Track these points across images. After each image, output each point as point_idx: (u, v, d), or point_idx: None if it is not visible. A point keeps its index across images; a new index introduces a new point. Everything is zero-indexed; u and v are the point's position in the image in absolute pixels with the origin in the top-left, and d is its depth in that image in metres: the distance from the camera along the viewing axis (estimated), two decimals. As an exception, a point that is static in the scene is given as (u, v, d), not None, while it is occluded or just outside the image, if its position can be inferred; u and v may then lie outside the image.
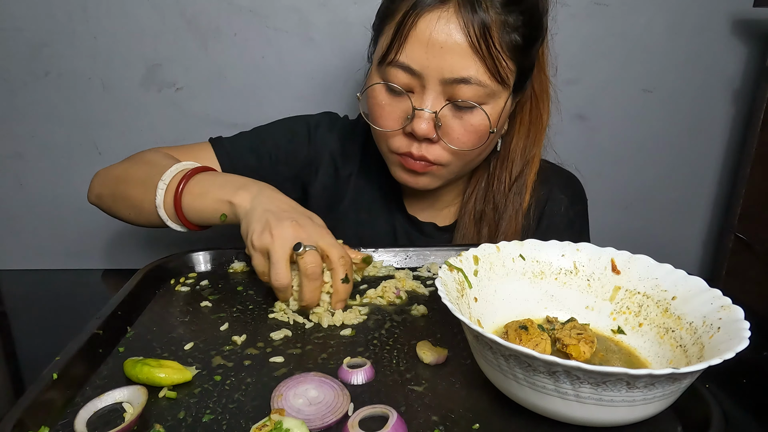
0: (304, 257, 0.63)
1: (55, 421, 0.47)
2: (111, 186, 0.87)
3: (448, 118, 0.77)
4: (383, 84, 0.78)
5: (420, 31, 0.73)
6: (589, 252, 0.62)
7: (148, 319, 0.64)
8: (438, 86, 0.75)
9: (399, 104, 0.78)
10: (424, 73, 0.74)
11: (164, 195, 0.77)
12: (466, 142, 0.79)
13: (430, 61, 0.73)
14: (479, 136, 0.79)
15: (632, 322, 0.58)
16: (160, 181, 0.77)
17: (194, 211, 0.76)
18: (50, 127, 1.31)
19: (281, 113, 1.07)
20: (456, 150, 0.79)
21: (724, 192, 1.53)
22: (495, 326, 0.59)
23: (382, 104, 0.79)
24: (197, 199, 0.75)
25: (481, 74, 0.74)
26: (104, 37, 1.25)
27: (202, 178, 0.77)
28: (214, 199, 0.73)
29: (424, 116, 0.76)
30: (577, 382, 0.41)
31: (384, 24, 0.79)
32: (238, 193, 0.72)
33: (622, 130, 1.44)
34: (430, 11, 0.72)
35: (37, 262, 1.42)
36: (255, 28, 1.27)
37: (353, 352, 0.58)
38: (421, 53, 0.73)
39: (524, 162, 0.91)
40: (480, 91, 0.75)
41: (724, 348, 0.44)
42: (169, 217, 0.77)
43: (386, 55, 0.76)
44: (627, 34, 1.35)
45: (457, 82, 0.74)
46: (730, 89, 1.43)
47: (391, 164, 0.86)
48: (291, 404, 0.48)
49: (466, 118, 0.77)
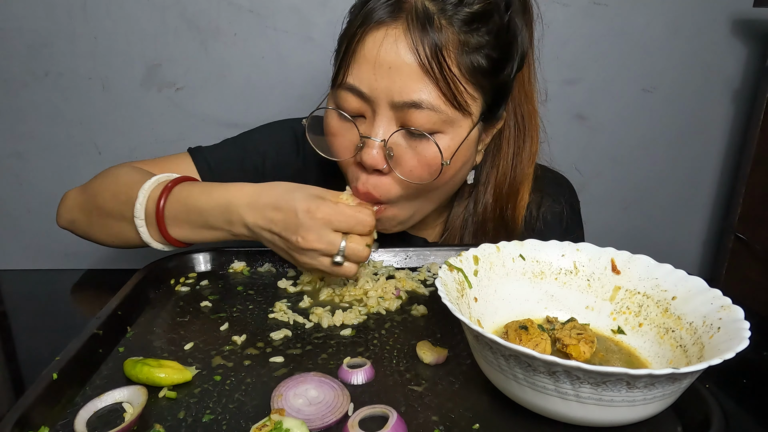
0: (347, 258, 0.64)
1: (55, 421, 0.47)
2: (84, 211, 0.80)
3: (401, 147, 0.70)
4: (333, 110, 0.72)
5: (367, 49, 0.68)
6: (589, 252, 0.62)
7: (148, 319, 0.64)
8: (389, 111, 0.68)
9: (350, 130, 0.72)
10: (373, 96, 0.68)
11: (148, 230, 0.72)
12: (420, 174, 0.70)
13: (378, 83, 0.67)
14: (435, 167, 0.70)
15: (632, 322, 0.58)
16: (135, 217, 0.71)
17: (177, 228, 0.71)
18: (50, 127, 1.32)
19: (281, 113, 1.07)
20: (408, 183, 0.71)
21: (724, 192, 1.53)
22: (495, 326, 0.59)
23: (332, 131, 0.73)
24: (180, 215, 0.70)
25: (434, 98, 0.67)
26: (104, 37, 1.25)
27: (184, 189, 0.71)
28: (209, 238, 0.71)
29: (373, 145, 0.69)
30: (577, 382, 0.41)
31: (341, 46, 0.73)
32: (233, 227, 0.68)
33: (622, 130, 1.44)
34: (378, 28, 0.67)
35: (37, 262, 1.42)
36: (255, 28, 1.27)
37: (353, 352, 0.58)
38: (369, 74, 0.67)
39: (512, 195, 0.85)
40: (434, 117, 0.67)
41: (724, 348, 0.44)
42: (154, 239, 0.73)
43: (336, 77, 0.72)
44: (627, 34, 1.35)
45: (408, 107, 0.67)
46: (730, 89, 1.43)
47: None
48: (291, 404, 0.48)
49: (420, 148, 0.69)
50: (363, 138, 0.70)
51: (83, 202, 0.81)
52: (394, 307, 0.68)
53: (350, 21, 0.73)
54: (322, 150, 0.76)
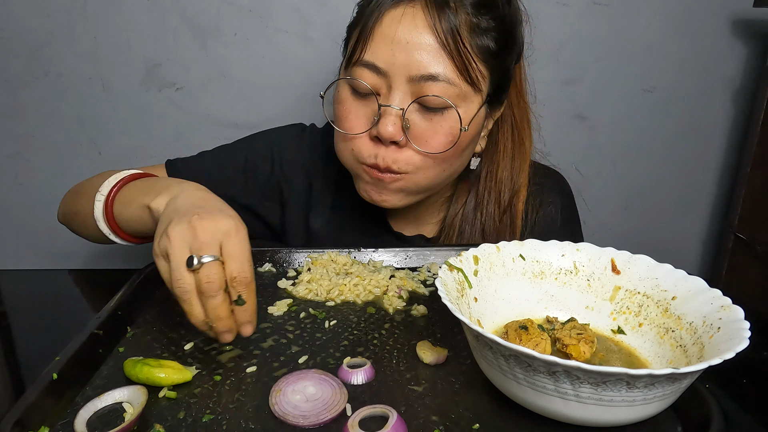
0: (199, 272, 0.53)
1: (55, 421, 0.47)
2: (68, 203, 0.86)
3: (417, 120, 0.74)
4: (348, 84, 0.75)
5: (385, 26, 0.71)
6: (589, 252, 0.62)
7: (148, 319, 0.64)
8: (405, 85, 0.72)
9: (365, 106, 0.75)
10: (390, 71, 0.71)
11: (102, 206, 0.73)
12: (436, 144, 0.74)
13: (396, 58, 0.71)
14: (450, 138, 0.74)
15: (632, 322, 0.58)
16: (98, 192, 0.73)
17: (124, 222, 0.72)
18: (50, 127, 1.32)
19: (281, 113, 1.07)
20: (425, 154, 0.75)
21: (723, 192, 1.53)
22: (495, 326, 0.59)
23: (347, 105, 0.76)
24: (125, 208, 0.71)
25: (450, 72, 0.71)
26: (104, 37, 1.25)
27: (133, 185, 0.72)
28: (138, 205, 0.68)
29: (390, 114, 0.72)
30: (577, 382, 0.41)
31: (352, 31, 0.77)
32: (157, 197, 0.64)
33: (622, 130, 1.44)
34: (395, 7, 0.71)
35: (37, 262, 1.42)
36: (255, 28, 1.27)
37: (353, 352, 0.58)
38: (387, 50, 0.71)
39: (512, 192, 0.88)
40: (449, 90, 0.72)
41: (724, 348, 0.44)
42: (110, 229, 0.74)
43: (352, 55, 0.74)
44: (627, 34, 1.35)
45: (425, 80, 0.71)
46: (730, 89, 1.43)
47: (356, 178, 0.81)
48: (288, 400, 0.49)
49: (435, 120, 0.73)
50: (382, 107, 0.73)
51: (69, 200, 0.86)
52: (396, 306, 0.68)
53: (362, 4, 0.77)
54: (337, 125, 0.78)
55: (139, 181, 0.74)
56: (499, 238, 0.84)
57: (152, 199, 0.64)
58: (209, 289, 0.53)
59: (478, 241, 0.88)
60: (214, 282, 0.53)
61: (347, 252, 0.79)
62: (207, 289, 0.53)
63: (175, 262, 0.54)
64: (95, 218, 0.73)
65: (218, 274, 0.53)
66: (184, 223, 0.55)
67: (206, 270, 0.53)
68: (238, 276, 0.54)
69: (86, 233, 0.82)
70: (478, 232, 0.89)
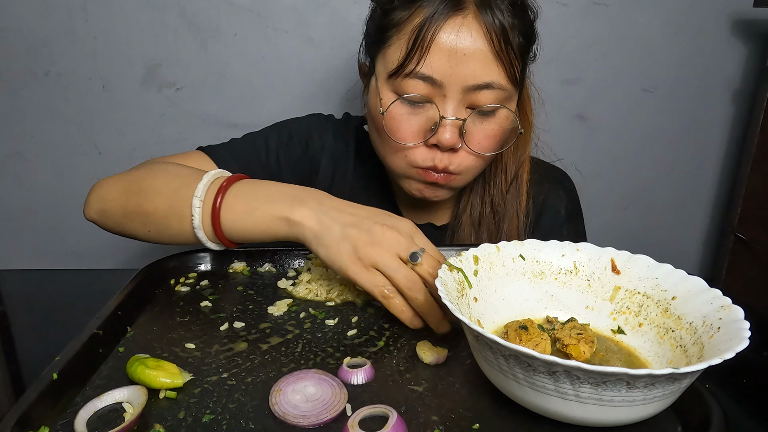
0: (424, 265, 0.59)
1: (55, 421, 0.47)
2: (122, 201, 0.74)
3: (471, 125, 0.77)
4: (403, 97, 0.76)
5: (442, 40, 0.71)
6: (589, 252, 0.62)
7: (148, 319, 0.64)
8: (459, 94, 0.74)
9: (419, 115, 0.77)
10: (446, 82, 0.73)
11: (202, 213, 0.67)
12: (489, 146, 0.78)
13: (453, 70, 0.72)
14: (501, 138, 0.79)
15: (632, 322, 0.58)
16: (194, 197, 0.67)
17: (239, 231, 0.67)
18: (50, 127, 1.32)
19: (281, 113, 1.07)
20: (479, 155, 0.79)
21: (723, 192, 1.53)
22: (495, 326, 0.59)
23: (401, 118, 0.77)
24: (243, 217, 0.66)
25: (502, 78, 0.74)
26: (104, 37, 1.25)
27: (240, 190, 0.67)
28: (266, 216, 0.64)
29: (449, 125, 0.74)
30: (577, 382, 0.41)
31: (389, 34, 0.76)
32: (295, 209, 0.63)
33: (622, 130, 1.44)
34: (451, 18, 0.71)
35: (37, 262, 1.42)
36: (255, 28, 1.27)
37: (353, 352, 0.58)
38: (444, 62, 0.72)
39: (517, 164, 0.91)
40: (500, 95, 0.75)
41: (724, 348, 0.44)
42: (208, 237, 0.69)
43: (402, 67, 0.74)
44: (627, 34, 1.35)
45: (480, 89, 0.73)
46: (730, 89, 1.43)
47: (409, 178, 0.83)
48: (288, 399, 0.49)
49: (486, 123, 0.77)
50: (442, 119, 0.75)
51: (121, 193, 0.75)
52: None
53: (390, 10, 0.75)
54: (391, 135, 0.78)
55: (242, 185, 0.68)
56: (507, 210, 0.90)
57: (289, 211, 0.63)
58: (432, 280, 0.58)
59: (488, 216, 0.92)
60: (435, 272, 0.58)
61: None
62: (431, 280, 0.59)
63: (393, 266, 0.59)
64: (194, 226, 0.67)
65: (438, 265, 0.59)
66: (386, 233, 0.60)
67: (428, 261, 0.60)
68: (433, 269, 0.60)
69: (152, 236, 0.73)
70: (488, 206, 0.92)
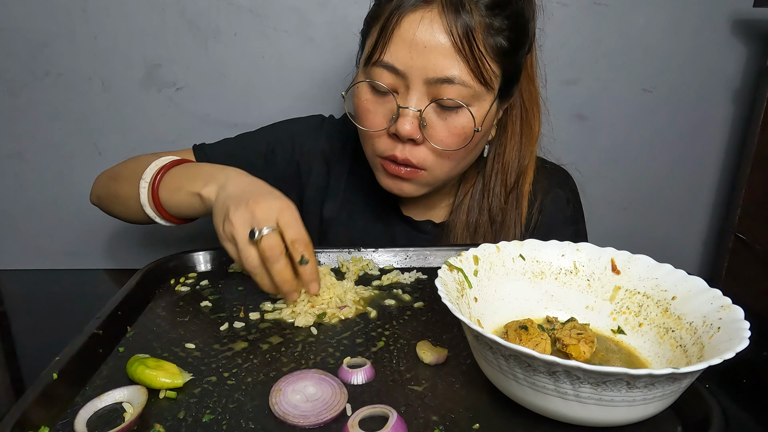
0: (261, 243, 0.62)
1: (55, 421, 0.47)
2: (106, 186, 0.91)
3: (433, 118, 0.77)
4: (368, 83, 0.78)
5: (404, 30, 0.73)
6: (589, 252, 0.62)
7: (148, 319, 0.64)
8: (422, 86, 0.75)
9: (384, 104, 0.78)
10: (408, 73, 0.74)
11: (147, 192, 0.79)
12: (451, 142, 0.78)
13: (414, 61, 0.73)
14: (464, 136, 0.78)
15: (632, 322, 0.58)
16: (141, 179, 0.79)
17: (173, 207, 0.78)
18: (50, 127, 1.31)
19: (281, 113, 1.07)
20: (441, 151, 0.78)
21: (724, 192, 1.53)
22: (495, 326, 0.59)
23: (366, 104, 0.79)
24: (173, 195, 0.77)
25: (465, 74, 0.73)
26: (104, 37, 1.25)
27: (176, 172, 0.78)
28: (187, 193, 0.74)
29: (408, 115, 0.75)
30: (577, 382, 0.41)
31: (371, 26, 0.79)
32: (206, 185, 0.72)
33: (622, 130, 1.44)
34: (414, 11, 0.73)
35: (37, 262, 1.42)
36: (255, 28, 1.27)
37: (353, 352, 0.58)
38: (405, 53, 0.73)
39: (518, 173, 0.91)
40: (464, 92, 0.74)
41: (724, 348, 0.44)
42: (155, 213, 0.80)
43: (371, 56, 0.76)
44: (627, 34, 1.35)
45: (441, 82, 0.73)
46: (730, 89, 1.43)
47: (375, 169, 0.86)
48: (288, 399, 0.49)
49: (450, 119, 0.76)
50: (400, 108, 0.76)
51: (105, 180, 0.91)
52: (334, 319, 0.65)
53: (380, 3, 0.78)
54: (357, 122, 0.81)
55: (181, 168, 0.79)
56: (506, 220, 0.89)
57: (202, 187, 0.72)
58: (272, 255, 0.61)
59: (485, 223, 0.91)
60: (275, 248, 0.61)
61: (347, 251, 0.79)
62: (270, 255, 0.61)
63: (241, 241, 0.62)
64: (141, 203, 0.80)
65: (277, 241, 0.62)
66: (242, 207, 0.63)
67: (267, 240, 0.61)
68: (297, 239, 0.63)
69: (125, 214, 0.88)
70: (486, 213, 0.92)
